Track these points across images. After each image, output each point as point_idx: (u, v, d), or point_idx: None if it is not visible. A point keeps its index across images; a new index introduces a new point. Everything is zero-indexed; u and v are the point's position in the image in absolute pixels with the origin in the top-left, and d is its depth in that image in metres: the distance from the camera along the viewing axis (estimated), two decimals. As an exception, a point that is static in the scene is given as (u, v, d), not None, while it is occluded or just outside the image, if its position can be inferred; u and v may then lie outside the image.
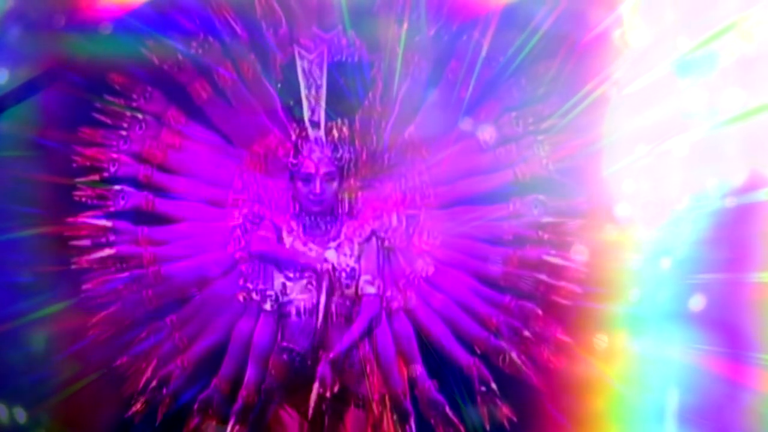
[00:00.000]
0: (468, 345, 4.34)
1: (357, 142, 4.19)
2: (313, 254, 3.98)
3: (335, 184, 3.99)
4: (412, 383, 4.30)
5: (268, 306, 4.22)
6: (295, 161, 4.00)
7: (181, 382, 4.34)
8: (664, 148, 4.13)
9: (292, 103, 4.14)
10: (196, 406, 4.28)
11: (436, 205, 4.41)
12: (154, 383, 4.33)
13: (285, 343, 3.96)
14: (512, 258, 4.32)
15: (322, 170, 3.96)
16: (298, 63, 4.08)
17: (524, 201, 4.33)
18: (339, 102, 4.18)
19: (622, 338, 4.18)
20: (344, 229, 4.07)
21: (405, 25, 4.23)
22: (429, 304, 4.37)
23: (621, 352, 4.18)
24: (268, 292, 4.22)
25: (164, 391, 4.33)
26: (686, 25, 4.08)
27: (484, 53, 4.26)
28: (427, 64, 4.32)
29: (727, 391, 4.05)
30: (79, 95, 4.29)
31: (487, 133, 4.35)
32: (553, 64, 4.23)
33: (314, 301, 3.93)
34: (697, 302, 4.10)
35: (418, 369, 4.26)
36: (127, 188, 4.37)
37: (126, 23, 4.21)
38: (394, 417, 4.17)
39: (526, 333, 4.29)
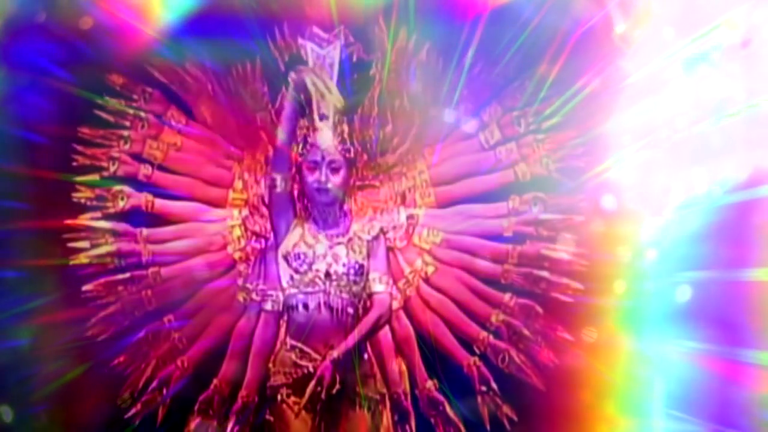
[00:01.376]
0: (468, 344, 4.36)
1: (357, 142, 4.17)
2: (322, 248, 4.00)
3: (341, 174, 3.97)
4: (412, 383, 4.33)
5: (268, 306, 4.23)
6: (302, 151, 4.00)
7: (180, 383, 4.35)
8: (660, 143, 4.16)
9: (301, 97, 4.13)
10: (196, 407, 4.29)
11: (436, 204, 4.43)
12: (154, 384, 4.35)
13: (292, 341, 3.96)
14: (512, 255, 4.35)
15: (328, 158, 3.94)
16: (310, 57, 4.09)
17: (523, 198, 4.36)
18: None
19: (620, 334, 4.20)
20: (352, 226, 4.08)
21: (403, 25, 4.27)
22: (429, 304, 4.39)
23: (619, 348, 4.20)
24: (269, 292, 4.23)
25: (164, 391, 4.35)
26: (682, 19, 4.12)
27: (481, 51, 4.28)
28: (425, 63, 4.36)
29: (722, 386, 4.08)
30: (75, 93, 4.30)
31: (486, 132, 4.39)
32: (548, 60, 4.24)
33: (321, 295, 3.93)
34: (694, 297, 4.13)
35: (418, 368, 4.29)
36: (126, 189, 4.38)
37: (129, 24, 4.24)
38: (395, 417, 4.15)
39: (526, 331, 4.31)
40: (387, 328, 4.22)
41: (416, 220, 4.40)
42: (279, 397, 3.88)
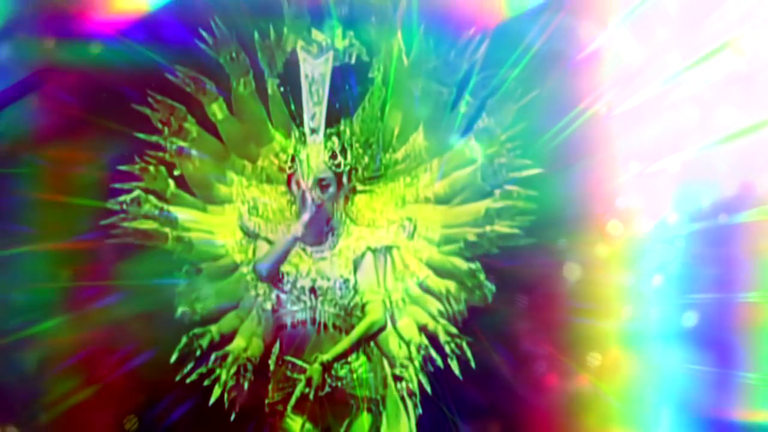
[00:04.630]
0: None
1: (356, 145, 4.20)
2: (306, 265, 4.02)
3: (331, 191, 4.01)
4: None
5: (268, 305, 4.18)
6: (291, 165, 4.04)
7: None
8: (657, 166, 4.13)
9: (293, 108, 4.18)
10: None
11: (435, 208, 4.38)
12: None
13: (285, 357, 3.99)
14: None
15: (318, 176, 3.99)
16: (302, 68, 4.09)
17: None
18: (340, 103, 4.19)
19: (614, 354, 4.17)
20: (340, 242, 4.09)
21: (403, 29, 4.26)
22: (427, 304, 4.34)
23: (614, 369, 4.16)
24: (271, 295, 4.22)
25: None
26: (679, 41, 4.10)
27: (479, 64, 4.25)
28: (426, 67, 4.31)
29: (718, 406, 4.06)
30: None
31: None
32: (547, 80, 4.21)
33: (308, 311, 3.96)
34: (690, 320, 4.10)
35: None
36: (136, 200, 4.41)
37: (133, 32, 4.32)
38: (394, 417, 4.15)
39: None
40: (389, 328, 4.19)
41: (416, 223, 4.34)
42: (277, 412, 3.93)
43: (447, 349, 4.21)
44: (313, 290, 3.97)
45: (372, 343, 4.09)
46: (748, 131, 4.00)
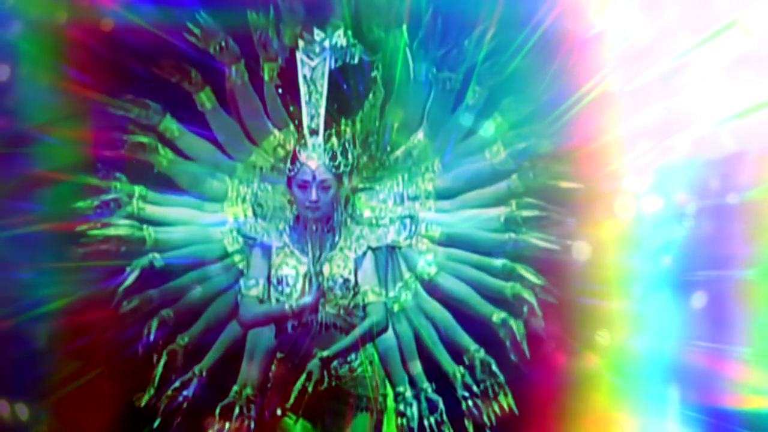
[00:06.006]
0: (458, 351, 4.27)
1: (357, 144, 4.18)
2: (305, 267, 4.03)
3: (332, 192, 4.00)
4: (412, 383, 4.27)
5: None
6: (292, 167, 4.03)
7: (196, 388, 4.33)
8: (666, 145, 4.12)
9: (292, 109, 4.15)
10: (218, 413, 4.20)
11: (438, 207, 4.36)
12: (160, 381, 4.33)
13: (283, 355, 4.02)
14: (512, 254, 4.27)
15: (319, 178, 3.96)
16: (300, 69, 4.06)
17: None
18: (339, 103, 4.17)
19: (622, 335, 4.17)
20: (340, 242, 4.10)
21: (405, 26, 4.22)
22: (427, 306, 4.33)
23: (621, 349, 4.17)
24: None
25: (180, 396, 4.31)
26: (688, 20, 4.08)
27: (484, 54, 4.23)
28: (428, 65, 4.28)
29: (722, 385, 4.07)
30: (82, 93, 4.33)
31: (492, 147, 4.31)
32: (554, 63, 4.18)
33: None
34: (697, 299, 4.11)
35: (417, 368, 4.25)
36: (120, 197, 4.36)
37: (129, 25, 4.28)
38: (394, 418, 4.16)
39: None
40: (391, 330, 4.17)
41: (418, 222, 4.32)
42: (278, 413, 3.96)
43: (463, 405, 4.19)
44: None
45: (380, 366, 4.12)
46: (756, 109, 4.00)
